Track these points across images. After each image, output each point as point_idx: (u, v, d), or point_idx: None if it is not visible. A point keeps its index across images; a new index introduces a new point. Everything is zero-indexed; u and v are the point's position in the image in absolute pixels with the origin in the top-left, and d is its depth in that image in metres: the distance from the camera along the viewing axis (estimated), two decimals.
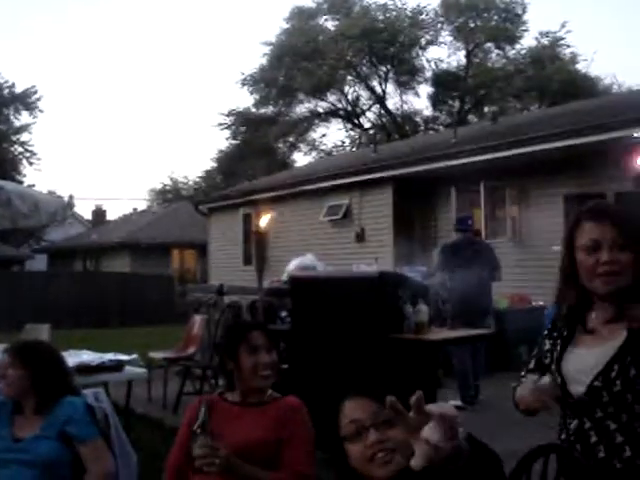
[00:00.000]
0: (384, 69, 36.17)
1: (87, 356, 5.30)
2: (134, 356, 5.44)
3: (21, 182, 33.55)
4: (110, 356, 5.34)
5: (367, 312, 5.19)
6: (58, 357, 3.52)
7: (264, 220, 9.11)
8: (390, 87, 36.89)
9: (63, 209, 7.66)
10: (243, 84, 36.96)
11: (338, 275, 6.68)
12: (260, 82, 36.58)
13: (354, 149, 35.93)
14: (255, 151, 36.21)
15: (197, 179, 46.03)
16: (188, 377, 8.14)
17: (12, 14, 77.74)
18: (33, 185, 37.60)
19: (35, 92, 36.13)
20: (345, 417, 1.96)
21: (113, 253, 30.74)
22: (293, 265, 8.48)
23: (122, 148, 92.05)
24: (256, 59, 52.53)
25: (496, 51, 35.29)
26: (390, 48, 34.68)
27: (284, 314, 7.42)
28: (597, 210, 2.33)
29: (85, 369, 5.03)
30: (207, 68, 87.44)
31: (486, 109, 34.15)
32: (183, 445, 2.96)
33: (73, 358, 5.16)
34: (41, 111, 36.82)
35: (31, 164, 36.81)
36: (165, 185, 48.48)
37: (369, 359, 4.99)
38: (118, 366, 5.25)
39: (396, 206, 14.49)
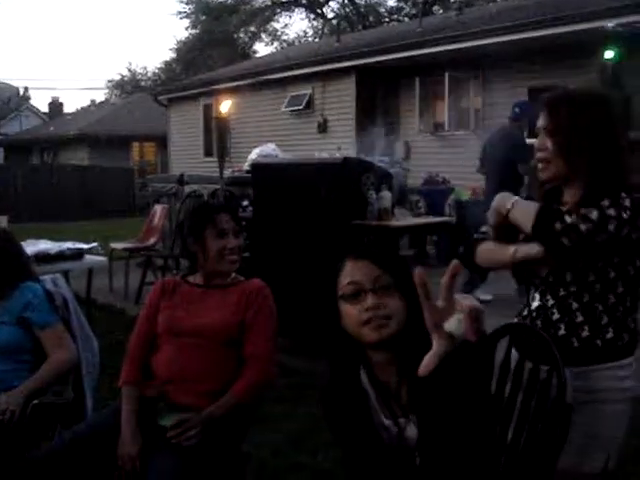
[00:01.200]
0: None
1: (46, 245, 5.20)
2: (94, 244, 5.35)
3: None
4: (69, 244, 5.24)
5: (330, 198, 5.14)
6: (15, 243, 3.42)
7: (225, 106, 8.88)
8: None
9: (17, 96, 7.42)
10: None
11: (301, 161, 6.56)
12: None
13: (317, 40, 35.19)
14: (215, 41, 35.33)
15: (156, 70, 44.96)
16: (150, 267, 8.09)
17: None
18: None
19: None
20: (345, 277, 1.92)
21: (71, 146, 30.10)
22: (255, 154, 8.36)
23: (78, 37, 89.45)
24: None
25: None
26: None
27: (245, 203, 7.36)
28: None
29: (44, 258, 4.94)
30: None
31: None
32: (143, 329, 2.92)
33: (31, 247, 5.06)
34: None
35: None
36: (123, 76, 47.32)
37: (331, 246, 4.97)
38: (78, 254, 5.16)
39: (359, 96, 14.29)
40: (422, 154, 13.46)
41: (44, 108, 44.50)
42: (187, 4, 36.81)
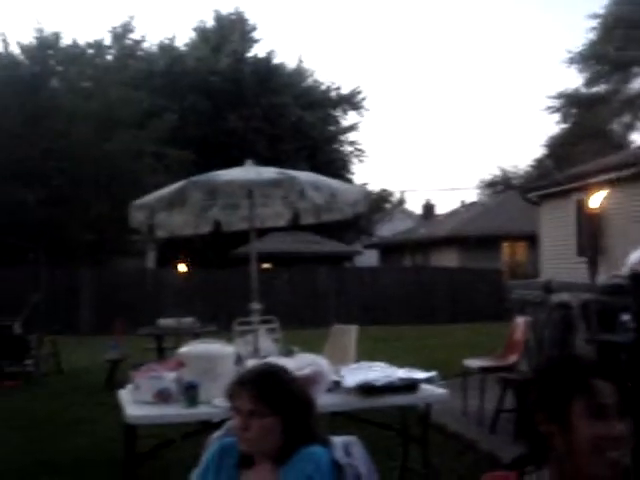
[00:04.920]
0: None
1: (376, 372, 4.38)
2: (432, 374, 4.41)
3: (351, 180, 34.27)
4: (402, 373, 4.36)
5: None
6: (308, 395, 2.58)
7: (595, 199, 7.61)
8: None
9: (364, 198, 6.88)
10: (570, 63, 34.78)
11: None
12: (590, 59, 34.10)
13: None
14: (587, 134, 33.75)
15: (527, 167, 44.29)
16: (509, 389, 6.94)
17: (334, 21, 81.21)
18: (366, 183, 38.42)
19: (360, 92, 36.85)
20: None
21: (441, 247, 30.31)
22: (636, 257, 6.94)
23: (450, 140, 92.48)
24: (583, 35, 49.42)
25: None
26: None
27: (626, 318, 5.97)
28: None
29: (368, 390, 4.12)
30: (530, 50, 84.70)
31: None
32: None
33: (358, 375, 4.30)
34: (367, 110, 37.48)
35: (361, 162, 37.60)
36: (494, 176, 47.40)
37: None
38: (411, 386, 4.25)
39: None
40: None
41: (418, 210, 46.20)
42: (557, 98, 35.88)
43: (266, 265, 23.18)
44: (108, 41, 31.09)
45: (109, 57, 30.55)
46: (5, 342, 10.97)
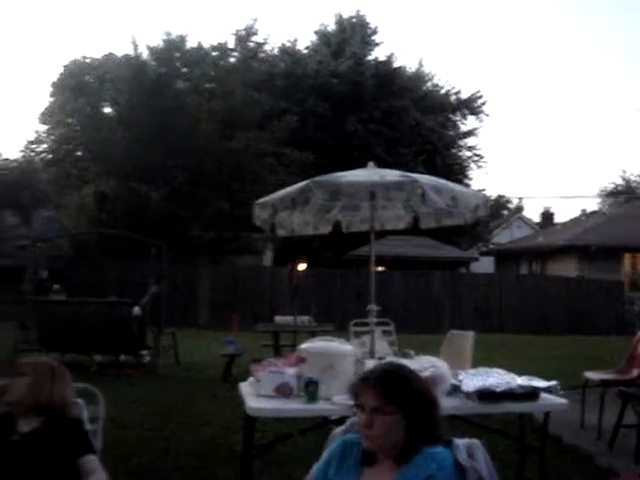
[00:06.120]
0: None
1: (495, 378, 4.33)
2: (553, 383, 4.33)
3: (468, 186, 33.84)
4: (522, 381, 4.31)
5: None
6: (432, 394, 2.61)
7: None
8: None
9: (484, 204, 6.80)
10: None
11: None
12: None
13: None
14: None
15: None
16: (631, 404, 6.73)
17: (455, 25, 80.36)
18: (483, 189, 37.89)
19: (480, 97, 36.25)
20: None
21: (559, 256, 29.58)
22: None
23: (571, 147, 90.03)
24: None
25: None
26: None
27: None
28: None
29: (488, 395, 4.09)
30: None
31: None
32: None
33: (477, 380, 4.27)
34: (487, 115, 36.85)
35: (479, 167, 37.06)
36: (617, 185, 45.91)
37: None
38: (530, 394, 4.20)
39: None
40: None
41: (536, 218, 45.22)
42: None
43: (381, 268, 23.18)
44: (231, 44, 31.85)
45: (232, 59, 31.24)
46: (122, 332, 11.31)
